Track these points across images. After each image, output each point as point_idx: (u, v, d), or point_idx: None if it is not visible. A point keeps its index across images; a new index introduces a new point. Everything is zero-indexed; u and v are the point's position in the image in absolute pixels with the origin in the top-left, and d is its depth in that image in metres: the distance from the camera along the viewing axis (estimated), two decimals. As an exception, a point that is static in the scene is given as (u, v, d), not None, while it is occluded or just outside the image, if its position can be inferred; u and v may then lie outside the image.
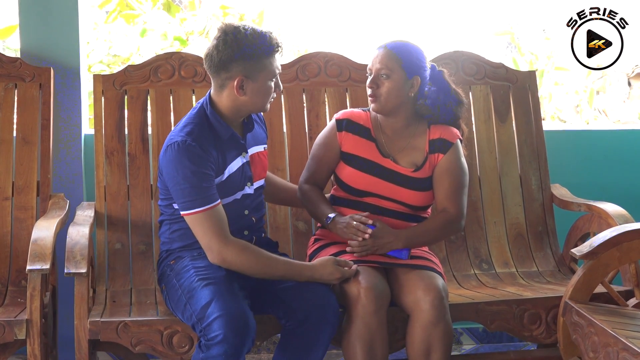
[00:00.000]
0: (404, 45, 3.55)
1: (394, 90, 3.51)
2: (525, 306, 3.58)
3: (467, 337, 4.66)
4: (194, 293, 3.20)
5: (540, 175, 4.24)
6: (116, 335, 3.32)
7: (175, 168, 3.24)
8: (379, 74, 3.51)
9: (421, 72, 3.55)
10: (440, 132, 3.58)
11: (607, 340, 3.12)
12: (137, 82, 4.00)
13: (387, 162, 3.58)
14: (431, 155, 3.57)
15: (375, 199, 3.57)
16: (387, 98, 3.52)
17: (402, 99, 3.54)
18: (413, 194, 3.56)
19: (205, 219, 3.23)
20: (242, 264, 3.25)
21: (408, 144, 3.60)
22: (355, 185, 3.58)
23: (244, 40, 3.24)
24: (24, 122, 3.98)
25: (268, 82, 3.31)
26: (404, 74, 3.51)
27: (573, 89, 6.47)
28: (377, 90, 3.52)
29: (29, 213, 3.91)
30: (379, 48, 3.56)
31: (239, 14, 6.19)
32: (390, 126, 3.61)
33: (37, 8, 4.14)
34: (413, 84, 3.53)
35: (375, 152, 3.59)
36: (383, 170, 3.57)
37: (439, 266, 3.54)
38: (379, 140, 3.60)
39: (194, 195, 3.22)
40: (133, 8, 6.11)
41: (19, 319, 3.31)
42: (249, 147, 3.44)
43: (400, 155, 3.59)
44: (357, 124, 3.62)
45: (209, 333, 3.10)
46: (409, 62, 3.51)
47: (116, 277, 3.82)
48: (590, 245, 3.42)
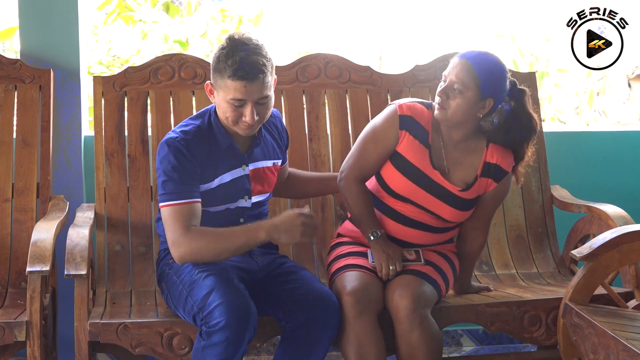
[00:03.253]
0: (487, 61, 3.37)
1: (462, 107, 3.36)
2: (525, 308, 3.57)
3: (467, 339, 4.66)
4: (195, 285, 3.19)
5: (540, 177, 4.24)
6: (116, 337, 3.31)
7: (160, 162, 3.27)
8: (452, 85, 3.35)
9: (497, 95, 3.38)
10: (497, 158, 3.48)
11: (607, 342, 3.12)
12: (137, 83, 3.99)
13: (435, 175, 3.47)
14: (482, 179, 3.49)
15: (411, 207, 3.50)
16: (454, 113, 3.37)
17: (469, 117, 3.40)
18: (453, 212, 3.49)
19: (175, 213, 3.21)
20: (201, 249, 3.19)
21: (463, 159, 3.50)
22: (397, 190, 3.50)
23: (219, 51, 3.23)
24: (23, 124, 3.98)
25: (223, 101, 3.25)
26: (479, 93, 3.35)
27: (573, 91, 6.47)
28: (447, 101, 3.36)
29: (29, 215, 3.91)
30: (460, 57, 3.39)
31: (238, 16, 6.19)
32: (449, 135, 3.47)
33: (37, 10, 4.14)
34: (485, 105, 3.39)
35: (427, 161, 3.46)
36: (430, 183, 3.47)
37: (438, 272, 3.49)
38: (433, 148, 3.48)
39: (171, 188, 3.23)
40: (132, 9, 6.11)
41: (18, 321, 3.30)
42: (254, 161, 3.41)
43: (451, 170, 3.49)
44: (418, 125, 3.46)
45: (210, 320, 3.09)
46: (487, 82, 3.34)
47: (116, 278, 3.82)
48: (590, 247, 3.41)
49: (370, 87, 4.18)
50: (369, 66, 4.22)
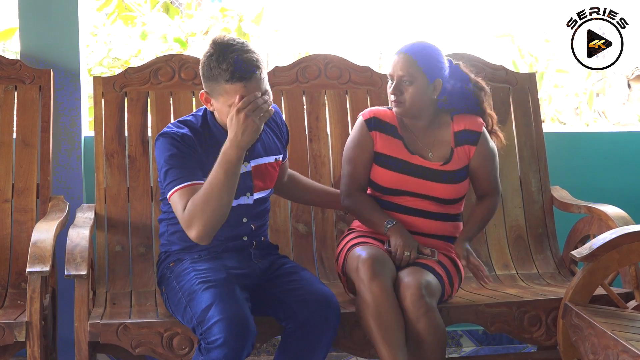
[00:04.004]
0: (423, 48, 3.57)
1: (417, 95, 3.54)
2: (525, 308, 3.58)
3: (467, 339, 4.65)
4: (195, 296, 3.18)
5: (540, 178, 4.25)
6: (116, 337, 3.31)
7: (160, 155, 3.26)
8: (401, 80, 3.54)
9: (442, 74, 3.59)
10: (464, 124, 3.63)
11: (606, 343, 3.12)
12: (137, 84, 3.99)
13: (415, 159, 3.60)
14: (458, 148, 3.62)
15: (408, 198, 3.60)
16: (412, 103, 3.55)
17: (426, 103, 3.58)
18: (444, 187, 3.59)
19: (182, 196, 3.19)
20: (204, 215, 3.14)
21: (434, 139, 3.63)
22: (387, 185, 3.61)
23: (207, 59, 3.19)
24: (23, 125, 3.97)
25: (226, 106, 3.22)
26: (426, 78, 3.54)
27: (573, 91, 6.46)
28: (401, 96, 3.55)
29: (29, 215, 3.90)
30: (398, 53, 3.57)
31: (238, 16, 6.18)
32: (415, 125, 3.64)
33: (37, 10, 4.13)
34: (435, 86, 3.57)
35: (403, 149, 3.61)
36: (413, 167, 3.59)
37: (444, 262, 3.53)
38: (405, 138, 3.63)
39: (175, 175, 3.21)
40: (132, 10, 6.11)
41: (18, 321, 3.30)
42: (256, 157, 3.40)
43: (427, 151, 3.62)
44: (384, 122, 3.64)
45: (209, 336, 3.09)
46: (430, 65, 3.54)
47: (116, 279, 3.82)
48: (590, 248, 3.42)
49: (371, 88, 4.19)
50: (369, 67, 4.22)
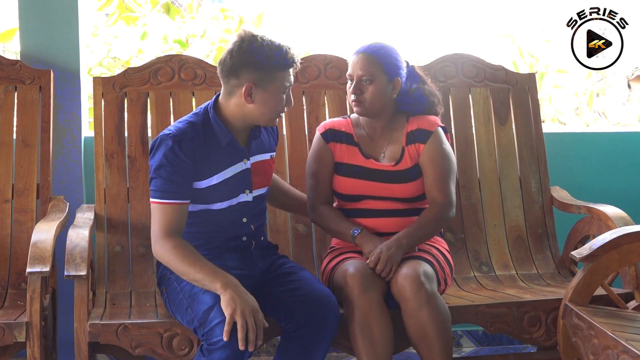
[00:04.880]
0: (382, 48, 3.59)
1: (377, 94, 3.57)
2: (525, 309, 3.58)
3: (467, 340, 4.65)
4: (196, 297, 3.19)
5: (540, 178, 4.24)
6: (116, 337, 3.31)
7: (151, 158, 3.29)
8: (361, 79, 3.56)
9: (400, 73, 3.61)
10: (418, 123, 3.64)
11: (607, 343, 3.11)
12: (137, 84, 3.99)
13: (370, 163, 3.63)
14: (409, 147, 3.62)
15: (369, 202, 3.62)
16: (372, 102, 3.57)
17: (386, 102, 3.60)
18: (401, 187, 3.60)
19: (160, 211, 3.25)
20: (168, 262, 3.23)
21: (388, 141, 3.65)
22: (347, 191, 3.64)
23: (259, 50, 3.23)
24: (23, 125, 3.97)
25: (279, 94, 3.29)
26: (386, 77, 3.57)
27: (573, 92, 6.45)
28: (361, 95, 3.57)
29: (29, 216, 3.90)
30: (357, 53, 3.60)
31: (238, 17, 6.18)
32: (372, 126, 3.67)
33: (37, 11, 4.13)
34: (395, 85, 3.60)
35: (359, 155, 3.64)
36: (367, 172, 3.62)
37: (432, 252, 3.53)
38: (361, 143, 3.66)
39: (159, 186, 3.25)
40: (132, 10, 6.11)
41: (18, 322, 3.30)
42: (252, 155, 3.41)
43: (380, 153, 3.64)
44: (340, 132, 3.68)
45: (211, 337, 3.09)
46: (389, 64, 3.57)
47: (116, 279, 3.82)
48: (590, 248, 3.41)
49: (370, 88, 4.16)
50: (369, 67, 4.20)
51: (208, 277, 3.15)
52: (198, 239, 3.36)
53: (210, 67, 4.03)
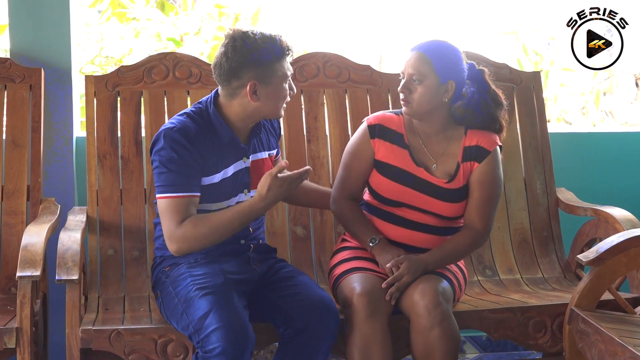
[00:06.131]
0: (438, 47, 3.45)
1: (426, 95, 3.41)
2: (530, 314, 3.56)
3: (471, 346, 4.65)
4: (191, 302, 3.16)
5: (545, 179, 4.22)
6: (109, 344, 3.29)
7: (158, 153, 3.25)
8: (410, 78, 3.42)
9: (456, 76, 3.44)
10: (477, 139, 3.49)
11: (614, 349, 3.11)
12: (130, 83, 3.97)
13: (420, 172, 3.49)
14: (464, 164, 3.49)
15: (407, 211, 3.50)
16: (420, 104, 3.43)
17: (435, 104, 3.44)
18: (446, 206, 3.49)
19: (173, 206, 3.20)
20: (197, 239, 3.19)
21: (443, 151, 3.52)
22: (387, 195, 3.51)
23: (253, 46, 3.21)
24: (13, 125, 3.96)
25: (282, 85, 3.28)
26: (437, 78, 3.41)
27: (579, 90, 6.50)
28: (410, 95, 3.43)
29: (19, 218, 3.89)
30: (412, 50, 3.46)
31: (234, 14, 6.21)
32: (424, 130, 3.53)
33: (27, 7, 4.12)
34: (447, 88, 3.43)
35: (409, 160, 3.50)
36: (416, 180, 3.49)
37: (452, 269, 3.49)
38: (412, 147, 3.52)
39: (169, 180, 3.20)
40: (125, 7, 6.12)
41: (8, 327, 3.28)
42: (252, 153, 3.39)
43: (432, 162, 3.51)
44: (390, 130, 3.53)
45: (207, 345, 3.07)
46: (443, 65, 3.41)
47: (109, 284, 3.80)
48: (596, 251, 3.40)
49: (371, 87, 4.17)
50: (369, 65, 4.21)
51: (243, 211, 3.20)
52: (195, 241, 3.34)
53: (205, 65, 4.03)
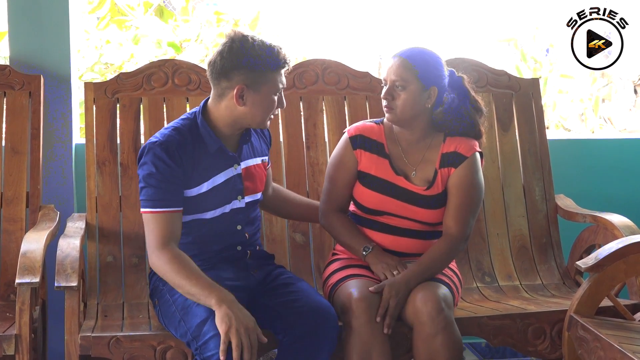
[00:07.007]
0: (420, 53, 3.45)
1: (409, 101, 3.41)
2: (529, 320, 3.56)
3: (470, 352, 4.64)
4: (189, 310, 3.16)
5: (544, 186, 4.22)
6: (108, 350, 3.28)
7: (141, 167, 3.25)
8: (393, 85, 3.42)
9: (438, 82, 3.45)
10: (455, 145, 3.49)
11: (613, 356, 3.10)
12: (130, 90, 3.97)
13: (400, 180, 3.50)
14: (442, 170, 3.48)
15: (391, 218, 3.51)
16: (403, 110, 3.43)
17: (418, 111, 3.45)
18: (427, 212, 3.48)
19: (154, 221, 3.21)
20: (165, 274, 3.18)
21: (422, 158, 3.51)
22: (369, 205, 3.52)
23: (250, 50, 3.19)
24: (13, 131, 3.96)
25: (271, 95, 3.26)
26: (420, 84, 3.41)
27: (578, 97, 6.49)
28: (393, 101, 3.43)
29: (18, 225, 3.89)
30: (394, 57, 3.46)
31: (233, 20, 6.19)
32: (406, 138, 3.53)
33: (26, 14, 4.11)
34: (430, 94, 3.44)
35: (389, 169, 3.50)
36: (396, 189, 3.49)
37: (447, 274, 3.48)
38: (392, 156, 3.52)
39: (150, 195, 3.21)
40: (125, 14, 6.11)
41: (7, 334, 3.27)
42: (243, 160, 3.38)
43: (411, 169, 3.51)
44: (371, 140, 3.53)
45: (204, 352, 3.06)
46: (426, 71, 3.41)
47: (108, 290, 3.80)
48: (595, 258, 3.39)
49: (370, 94, 4.16)
50: (368, 72, 4.21)
51: (203, 292, 3.10)
52: (191, 249, 3.32)
53: (204, 72, 3.95)
